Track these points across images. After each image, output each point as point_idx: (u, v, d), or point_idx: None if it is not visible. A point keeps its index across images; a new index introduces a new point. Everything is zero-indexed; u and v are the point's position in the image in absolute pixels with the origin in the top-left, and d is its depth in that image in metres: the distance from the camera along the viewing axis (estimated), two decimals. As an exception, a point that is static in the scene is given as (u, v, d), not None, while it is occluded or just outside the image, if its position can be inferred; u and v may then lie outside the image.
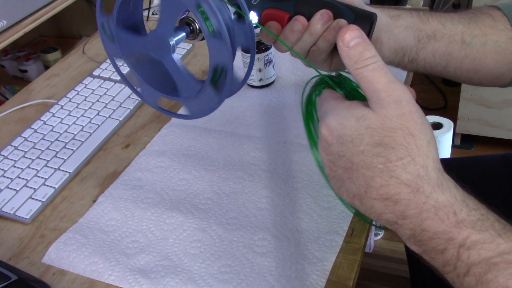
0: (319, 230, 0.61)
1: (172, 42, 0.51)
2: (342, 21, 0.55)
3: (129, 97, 0.87)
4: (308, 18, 0.56)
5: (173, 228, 0.63)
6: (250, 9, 0.55)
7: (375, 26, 0.57)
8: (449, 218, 0.40)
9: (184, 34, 0.52)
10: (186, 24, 0.53)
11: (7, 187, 0.71)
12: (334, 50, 0.58)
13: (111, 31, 0.55)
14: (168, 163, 0.73)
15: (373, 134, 0.41)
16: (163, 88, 0.56)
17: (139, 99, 0.61)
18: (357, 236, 0.61)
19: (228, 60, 0.48)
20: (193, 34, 0.53)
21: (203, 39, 0.53)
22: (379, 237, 1.55)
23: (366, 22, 0.56)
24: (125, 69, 0.59)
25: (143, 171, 0.73)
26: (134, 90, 0.59)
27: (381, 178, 0.40)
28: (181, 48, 1.00)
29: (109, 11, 0.55)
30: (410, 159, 0.40)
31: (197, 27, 0.53)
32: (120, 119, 0.83)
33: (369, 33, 0.57)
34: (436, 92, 2.04)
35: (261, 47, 0.84)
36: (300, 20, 0.56)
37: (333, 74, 0.49)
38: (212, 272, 0.58)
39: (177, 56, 0.53)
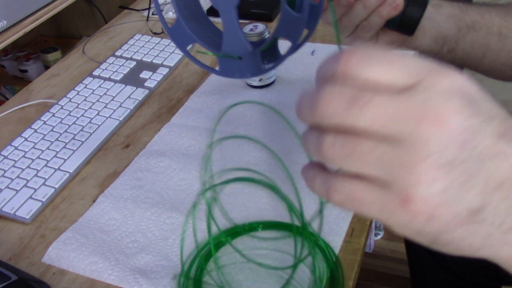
0: (319, 230, 0.61)
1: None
2: None
3: (129, 97, 0.87)
4: None
5: (173, 228, 0.63)
6: None
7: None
8: None
9: None
10: None
11: (7, 187, 0.71)
12: (380, 31, 0.59)
13: None
14: (168, 163, 0.73)
15: None
16: (199, 35, 0.54)
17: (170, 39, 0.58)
18: (357, 236, 0.61)
19: None
20: None
21: None
22: (379, 237, 1.55)
23: (420, 3, 0.57)
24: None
25: (143, 171, 0.73)
26: (166, 27, 0.57)
27: None
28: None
29: None
30: None
31: None
32: (120, 119, 0.83)
33: (421, 15, 0.57)
34: (436, 92, 2.04)
35: (261, 47, 0.84)
36: None
37: None
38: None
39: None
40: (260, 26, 0.82)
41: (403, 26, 0.59)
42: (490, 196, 0.27)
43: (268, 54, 0.55)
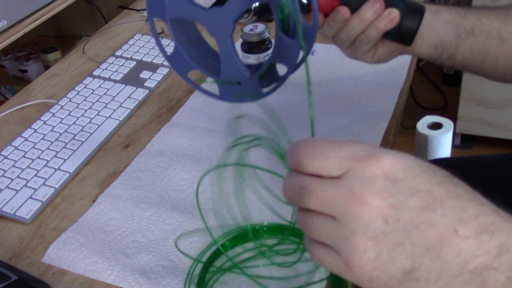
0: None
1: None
2: (394, 11, 0.56)
3: (129, 97, 0.87)
4: (358, 7, 0.56)
5: (173, 228, 0.63)
6: None
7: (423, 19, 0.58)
8: None
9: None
10: None
11: (7, 187, 0.71)
12: (379, 41, 0.59)
13: None
14: (168, 163, 0.73)
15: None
16: (198, 61, 0.55)
17: (170, 66, 0.60)
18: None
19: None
20: (247, 14, 0.53)
21: (255, 20, 0.53)
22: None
23: (416, 14, 0.57)
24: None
25: (143, 171, 0.73)
26: (166, 55, 0.58)
27: (474, 207, 0.33)
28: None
29: None
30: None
31: (253, 7, 0.52)
32: (120, 119, 0.83)
33: (418, 26, 0.57)
34: (436, 92, 2.04)
35: (261, 47, 0.84)
36: (342, 11, 0.56)
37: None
38: (212, 272, 0.58)
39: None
40: (260, 26, 0.82)
41: (400, 37, 0.58)
42: (420, 258, 0.32)
43: (267, 76, 0.55)
